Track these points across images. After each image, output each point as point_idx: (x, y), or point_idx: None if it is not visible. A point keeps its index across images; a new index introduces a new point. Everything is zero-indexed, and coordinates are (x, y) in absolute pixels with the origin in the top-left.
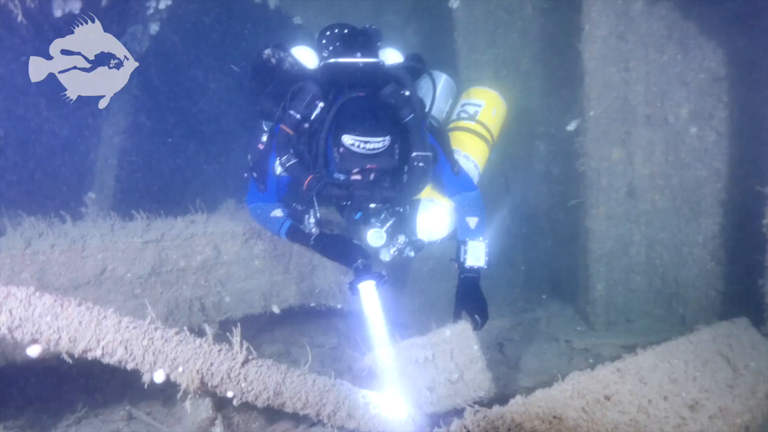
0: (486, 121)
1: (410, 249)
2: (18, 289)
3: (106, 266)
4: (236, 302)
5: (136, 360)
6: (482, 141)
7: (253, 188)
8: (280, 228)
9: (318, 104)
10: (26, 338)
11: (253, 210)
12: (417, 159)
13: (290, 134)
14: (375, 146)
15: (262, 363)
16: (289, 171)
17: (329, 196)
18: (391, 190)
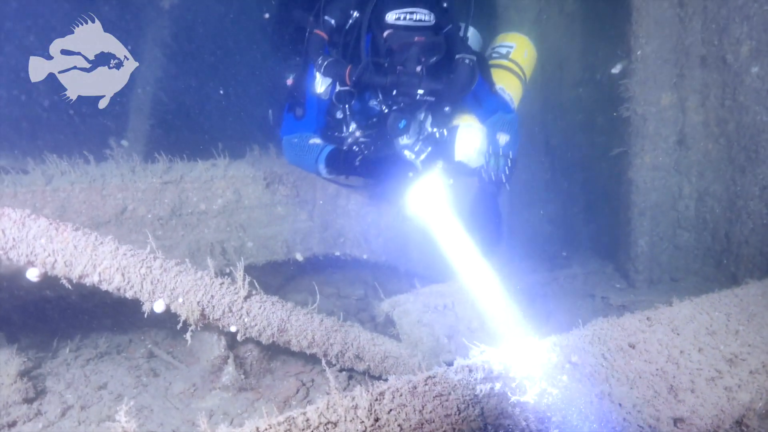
0: (518, 60)
1: (447, 176)
2: (12, 210)
3: (127, 206)
4: (258, 248)
5: (134, 288)
6: (516, 77)
7: (288, 119)
8: (320, 154)
9: (353, 13)
10: (22, 260)
11: (288, 141)
12: (462, 58)
13: (324, 38)
14: (421, 17)
15: (266, 299)
16: (327, 69)
17: (373, 84)
18: (439, 82)
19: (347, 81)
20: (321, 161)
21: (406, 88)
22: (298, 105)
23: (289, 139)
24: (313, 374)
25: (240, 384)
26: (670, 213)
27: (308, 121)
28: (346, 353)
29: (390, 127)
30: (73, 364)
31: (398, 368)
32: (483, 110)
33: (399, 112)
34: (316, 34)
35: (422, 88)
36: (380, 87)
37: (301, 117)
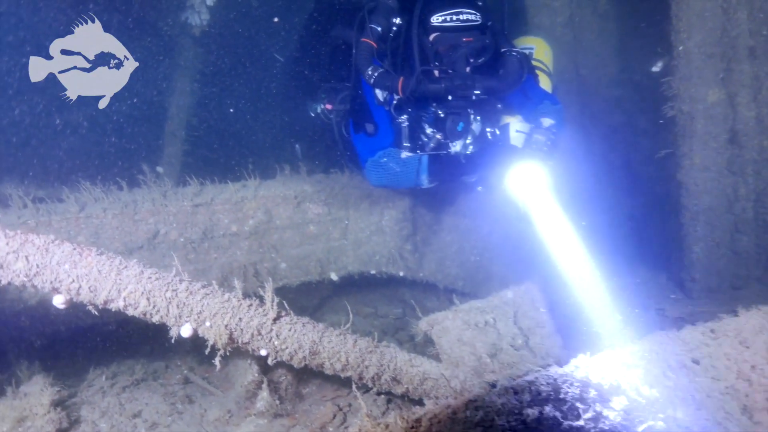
0: (542, 59)
1: None
2: (36, 236)
3: (159, 230)
4: (292, 269)
5: (160, 312)
6: (545, 75)
7: (361, 140)
8: (420, 165)
9: (396, 20)
10: (47, 286)
11: (375, 163)
12: (510, 52)
13: (373, 46)
14: (468, 17)
15: (296, 320)
16: (378, 81)
17: (427, 93)
18: (492, 78)
19: (400, 93)
20: (423, 172)
21: (461, 90)
22: (366, 121)
23: (376, 161)
24: (350, 398)
25: (275, 410)
26: (725, 216)
27: (383, 133)
28: (382, 376)
29: (448, 131)
30: (109, 391)
31: (438, 390)
32: (531, 102)
33: (456, 116)
34: (364, 43)
35: (477, 89)
36: (434, 95)
37: (374, 132)
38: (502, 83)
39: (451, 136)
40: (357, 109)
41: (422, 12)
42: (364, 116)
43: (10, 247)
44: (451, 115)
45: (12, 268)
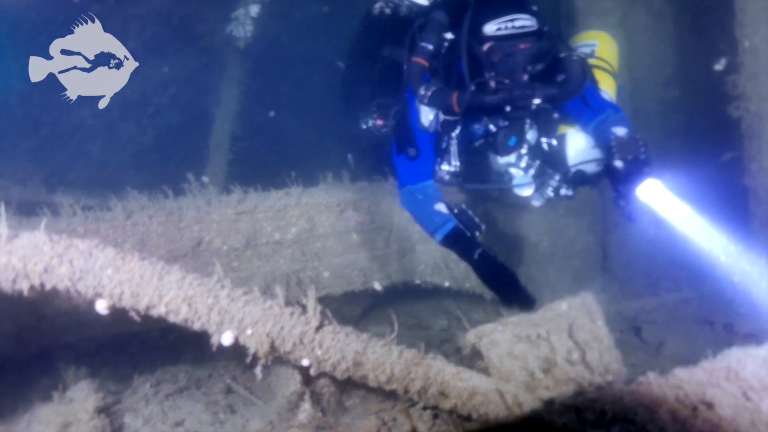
0: (605, 57)
1: (566, 187)
2: (80, 240)
3: (203, 238)
4: (335, 278)
5: (201, 319)
6: (607, 73)
7: (402, 163)
8: (441, 226)
9: (446, 36)
10: (89, 292)
11: (410, 194)
12: (570, 57)
13: (424, 65)
14: (523, 23)
15: (340, 329)
16: (432, 99)
17: (483, 106)
18: (553, 86)
19: (455, 108)
20: (439, 235)
21: (520, 101)
22: (408, 145)
23: (413, 193)
24: (395, 412)
25: (317, 422)
26: None
27: (425, 159)
28: (429, 389)
29: (500, 146)
30: (153, 399)
31: (488, 406)
32: (590, 111)
33: (508, 129)
34: (415, 63)
35: (537, 97)
36: (492, 107)
37: (415, 156)
38: (564, 90)
39: (502, 151)
40: (401, 130)
41: (474, 22)
42: (407, 139)
43: (54, 251)
44: (503, 129)
45: (56, 273)
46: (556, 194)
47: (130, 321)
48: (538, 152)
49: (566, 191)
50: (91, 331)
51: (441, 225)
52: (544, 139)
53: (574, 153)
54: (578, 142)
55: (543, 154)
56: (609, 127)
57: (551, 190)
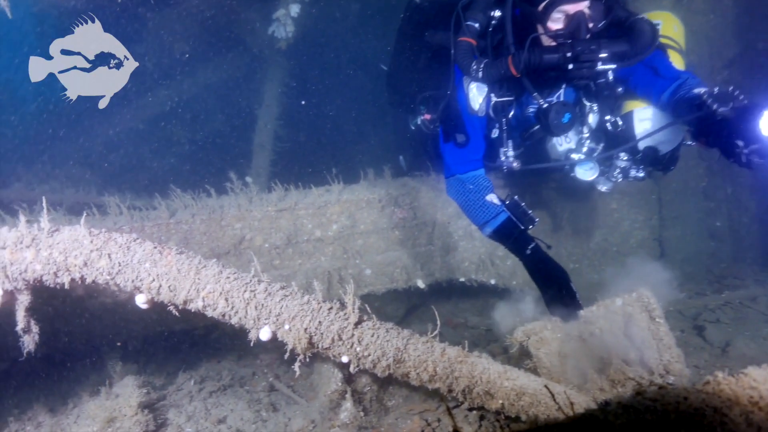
0: (671, 35)
1: (637, 168)
2: (119, 234)
3: (244, 236)
4: (377, 275)
5: (238, 314)
6: (677, 52)
7: (450, 150)
8: (492, 218)
9: (494, 13)
10: (128, 285)
11: (459, 183)
12: (636, 18)
13: (473, 44)
14: None
15: (379, 325)
16: (487, 72)
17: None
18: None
19: (513, 71)
20: (489, 227)
21: (585, 55)
22: (457, 131)
23: (462, 182)
24: (439, 413)
25: (359, 422)
26: None
27: (474, 145)
28: (474, 389)
29: (553, 124)
30: (196, 396)
31: (538, 408)
32: (661, 81)
33: (561, 105)
34: (462, 42)
35: (603, 51)
36: (553, 64)
37: (464, 143)
38: (634, 47)
39: (556, 129)
40: (449, 117)
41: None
42: (455, 125)
43: (94, 245)
44: (556, 104)
45: (96, 266)
46: (624, 176)
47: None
48: (601, 135)
49: (636, 173)
50: (138, 329)
51: (491, 217)
52: (608, 117)
53: (642, 131)
54: (647, 119)
55: (607, 136)
56: (691, 89)
57: (619, 172)
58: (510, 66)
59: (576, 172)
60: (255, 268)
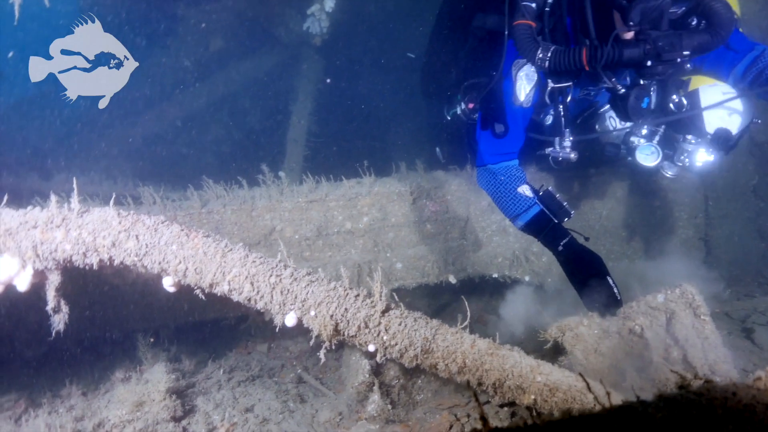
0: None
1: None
2: (147, 216)
3: (275, 226)
4: (408, 269)
5: (264, 298)
6: None
7: (486, 138)
8: (525, 212)
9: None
10: (155, 267)
11: (491, 173)
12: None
13: (532, 26)
14: None
15: (407, 314)
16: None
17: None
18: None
19: (586, 67)
20: (521, 220)
21: (668, 53)
22: (497, 120)
23: (493, 173)
24: (469, 408)
25: (387, 415)
26: None
27: (513, 137)
28: (505, 383)
29: (632, 110)
30: (225, 385)
31: (572, 404)
32: (731, 56)
33: (640, 89)
34: (521, 25)
35: (686, 48)
36: (633, 62)
37: (502, 134)
38: (716, 37)
39: (634, 114)
40: (491, 105)
41: None
42: (496, 114)
43: (122, 226)
44: (636, 89)
45: (123, 247)
46: (691, 162)
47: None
48: (664, 115)
49: (707, 155)
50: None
51: (523, 210)
52: (674, 96)
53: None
54: (714, 97)
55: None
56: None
57: (685, 156)
58: (584, 60)
59: (636, 158)
60: (281, 253)
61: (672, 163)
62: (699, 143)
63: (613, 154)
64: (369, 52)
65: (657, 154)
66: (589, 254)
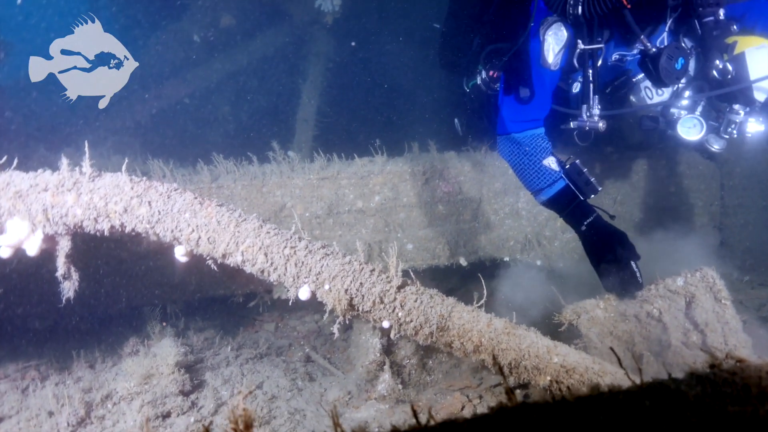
0: None
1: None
2: (160, 183)
3: (285, 203)
4: (419, 251)
5: (278, 270)
6: None
7: (509, 103)
8: (549, 186)
9: None
10: (167, 235)
11: (515, 144)
12: None
13: None
14: None
15: (423, 290)
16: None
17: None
18: None
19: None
20: (544, 195)
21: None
22: (522, 84)
23: (518, 143)
24: (480, 390)
25: (397, 395)
26: None
27: (539, 102)
28: (521, 362)
29: (664, 72)
30: (233, 362)
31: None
32: None
33: (674, 48)
34: None
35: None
36: None
37: (527, 99)
38: None
39: (667, 77)
40: (515, 67)
41: None
42: (521, 77)
43: (134, 192)
44: (667, 48)
45: (135, 213)
46: (741, 131)
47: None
48: (704, 83)
49: (758, 125)
50: (178, 293)
51: (547, 184)
52: (718, 62)
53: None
54: (765, 59)
55: (711, 85)
56: None
57: (733, 128)
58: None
59: (677, 131)
60: (296, 225)
61: (718, 136)
62: (748, 113)
63: (651, 127)
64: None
65: (701, 127)
66: (614, 235)
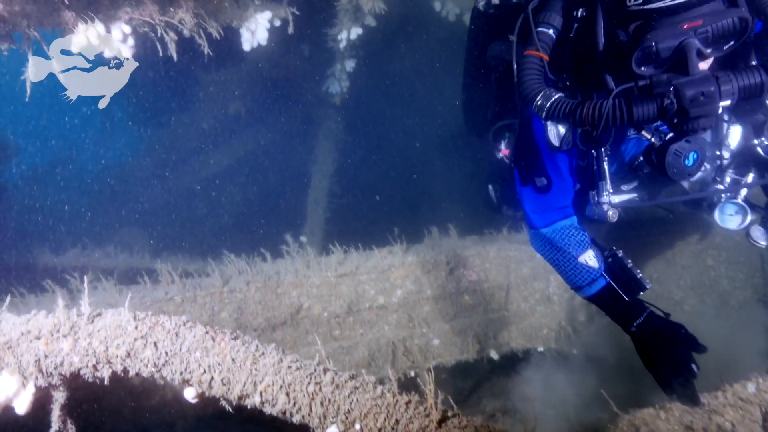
0: None
1: None
2: (167, 318)
3: (302, 304)
4: (446, 346)
5: (301, 411)
6: None
7: (529, 196)
8: (591, 285)
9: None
10: (176, 378)
11: (546, 241)
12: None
13: (542, 59)
14: None
15: (468, 422)
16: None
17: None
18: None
19: (587, 125)
20: (586, 293)
21: (700, 109)
22: (535, 172)
23: (549, 240)
24: None
25: None
26: None
27: (558, 189)
28: None
29: (672, 170)
30: None
31: None
32: None
33: (683, 144)
34: (528, 57)
35: (725, 98)
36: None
37: (545, 188)
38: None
39: (676, 174)
40: (523, 153)
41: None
42: (533, 164)
43: (139, 332)
44: (676, 144)
45: (140, 357)
46: None
47: None
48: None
49: None
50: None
51: (587, 282)
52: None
53: None
54: None
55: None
56: None
57: None
58: (586, 116)
59: (715, 218)
60: (320, 354)
61: (763, 227)
62: None
63: (691, 208)
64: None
65: (743, 213)
66: (673, 331)
